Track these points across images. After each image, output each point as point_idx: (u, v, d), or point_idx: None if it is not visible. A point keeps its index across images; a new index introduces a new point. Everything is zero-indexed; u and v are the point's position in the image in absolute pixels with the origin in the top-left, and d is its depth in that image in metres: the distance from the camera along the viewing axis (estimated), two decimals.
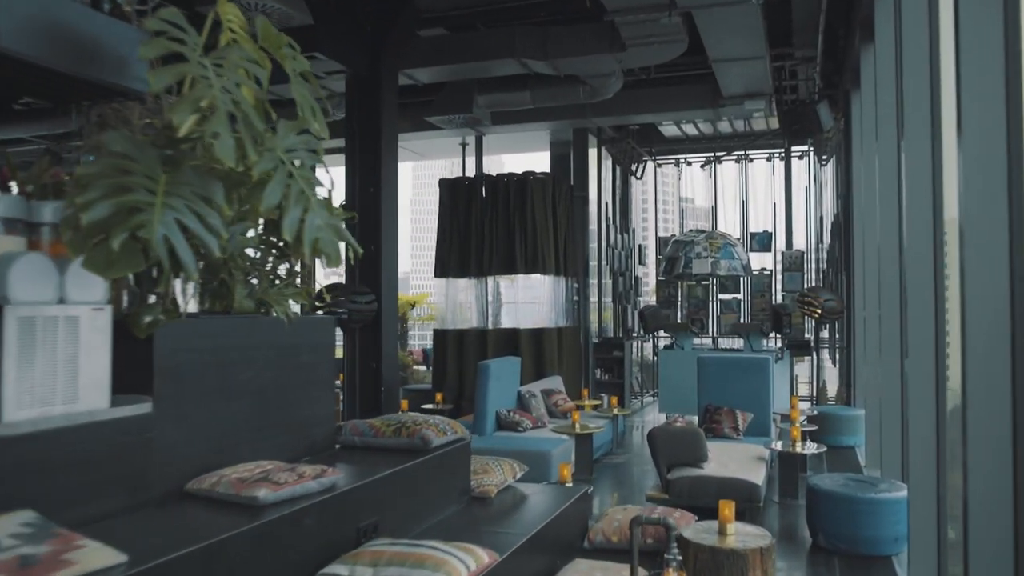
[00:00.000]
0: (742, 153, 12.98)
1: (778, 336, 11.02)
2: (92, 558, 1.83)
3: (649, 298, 13.92)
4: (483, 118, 8.90)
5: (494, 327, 9.90)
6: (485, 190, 9.79)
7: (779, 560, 4.27)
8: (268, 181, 2.41)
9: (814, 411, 8.31)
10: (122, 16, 2.60)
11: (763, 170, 13.01)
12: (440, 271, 9.99)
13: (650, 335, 11.41)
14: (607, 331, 12.19)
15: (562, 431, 6.95)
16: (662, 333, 12.36)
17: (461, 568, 2.59)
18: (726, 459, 5.95)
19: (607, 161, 12.40)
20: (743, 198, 13.05)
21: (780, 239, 12.53)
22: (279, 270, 3.34)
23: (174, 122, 2.12)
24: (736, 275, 11.82)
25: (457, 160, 11.91)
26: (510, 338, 9.63)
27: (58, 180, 2.50)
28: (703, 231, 12.20)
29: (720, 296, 12.64)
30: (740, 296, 12.54)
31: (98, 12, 2.54)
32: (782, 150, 12.55)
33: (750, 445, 6.52)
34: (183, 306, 2.84)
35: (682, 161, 13.46)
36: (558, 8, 7.50)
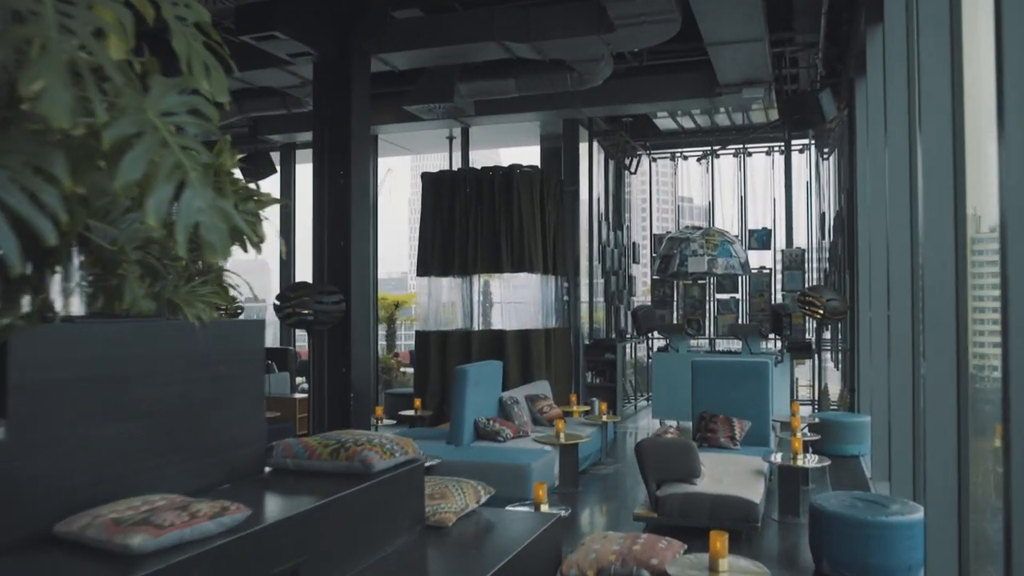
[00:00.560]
0: (740, 147, 12.49)
1: (778, 338, 10.55)
2: None
3: (644, 298, 13.43)
4: (466, 108, 8.40)
5: (479, 328, 9.39)
6: (469, 184, 9.26)
7: None
8: (128, 150, 1.88)
9: (816, 418, 7.86)
10: None
11: (762, 164, 12.52)
12: (422, 270, 9.49)
13: (643, 336, 10.90)
14: (599, 333, 11.71)
15: (545, 441, 6.46)
16: (657, 334, 11.88)
17: None
18: (721, 473, 5.49)
19: (600, 155, 11.91)
20: (741, 193, 12.55)
21: (780, 236, 12.07)
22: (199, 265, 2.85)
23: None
24: (734, 274, 11.33)
25: (455, 155, 11.42)
26: (496, 340, 9.14)
27: None
28: (699, 228, 11.71)
29: (717, 296, 12.18)
30: (738, 296, 12.07)
31: None
32: (782, 143, 12.07)
33: (748, 457, 6.06)
34: (60, 307, 2.35)
35: (678, 155, 12.96)
36: None
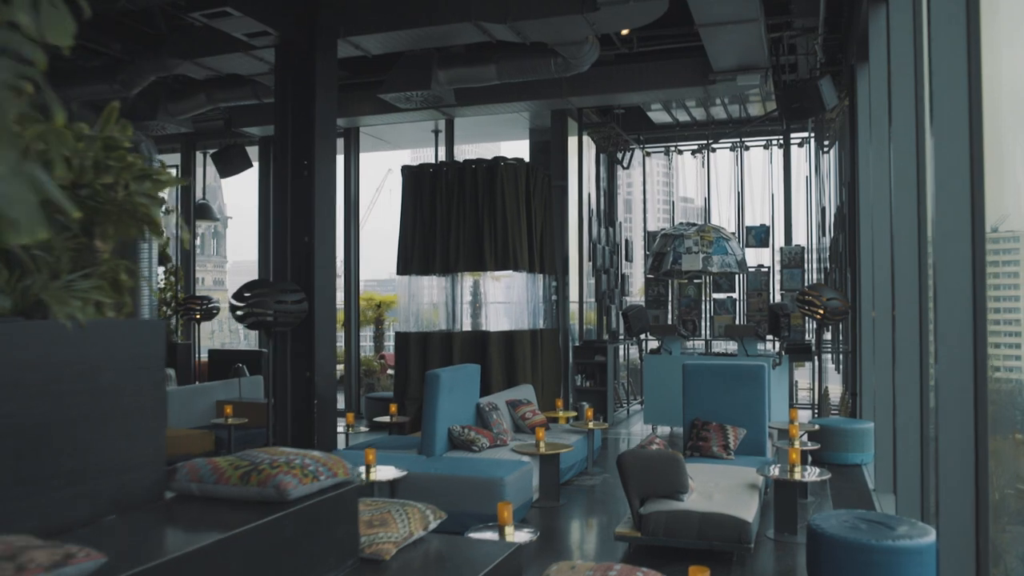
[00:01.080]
0: (737, 140, 12.01)
1: (776, 339, 10.07)
2: None
3: (637, 297, 12.95)
4: (445, 96, 7.94)
5: (462, 329, 8.92)
6: (451, 178, 8.79)
7: None
8: None
9: (815, 424, 7.39)
10: None
11: (760, 158, 12.11)
12: (403, 268, 9.02)
13: (635, 338, 10.43)
14: (590, 334, 11.24)
15: (524, 451, 5.99)
16: (650, 335, 11.40)
17: None
18: (711, 488, 5.03)
19: (591, 149, 11.44)
20: (738, 189, 12.07)
21: (779, 233, 11.60)
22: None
23: None
24: (730, 271, 10.86)
25: (442, 150, 10.96)
26: (478, 342, 8.66)
27: None
28: (694, 224, 11.23)
29: (714, 295, 11.69)
30: (735, 295, 11.59)
31: None
32: (780, 137, 11.61)
33: (742, 468, 5.60)
34: None
35: (672, 149, 12.49)
36: None
